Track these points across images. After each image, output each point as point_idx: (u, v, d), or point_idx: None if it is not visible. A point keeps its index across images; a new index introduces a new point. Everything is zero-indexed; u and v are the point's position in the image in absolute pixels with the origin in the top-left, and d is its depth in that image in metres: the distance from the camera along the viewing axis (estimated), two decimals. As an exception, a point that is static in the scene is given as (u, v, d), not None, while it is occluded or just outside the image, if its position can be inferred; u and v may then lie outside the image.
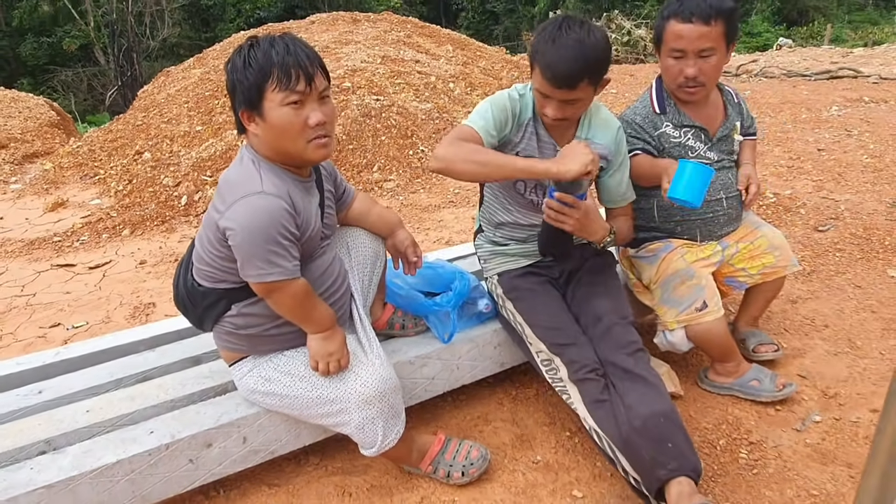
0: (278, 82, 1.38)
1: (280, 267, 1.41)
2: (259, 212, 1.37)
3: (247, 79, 1.39)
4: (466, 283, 2.01)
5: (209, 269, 1.52)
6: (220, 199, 1.45)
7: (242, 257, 1.41)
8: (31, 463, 1.50)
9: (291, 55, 1.40)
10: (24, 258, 4.04)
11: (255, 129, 1.44)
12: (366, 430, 1.58)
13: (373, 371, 1.57)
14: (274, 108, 1.39)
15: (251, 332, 1.58)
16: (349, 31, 8.09)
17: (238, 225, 1.38)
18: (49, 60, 20.34)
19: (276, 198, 1.39)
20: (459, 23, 27.48)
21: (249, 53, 1.40)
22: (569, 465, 1.86)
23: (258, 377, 1.60)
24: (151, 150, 5.75)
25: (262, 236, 1.37)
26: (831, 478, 1.77)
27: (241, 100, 1.41)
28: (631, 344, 1.77)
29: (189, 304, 1.61)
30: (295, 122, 1.41)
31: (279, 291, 1.46)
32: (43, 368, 1.90)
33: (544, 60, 1.62)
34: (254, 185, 1.40)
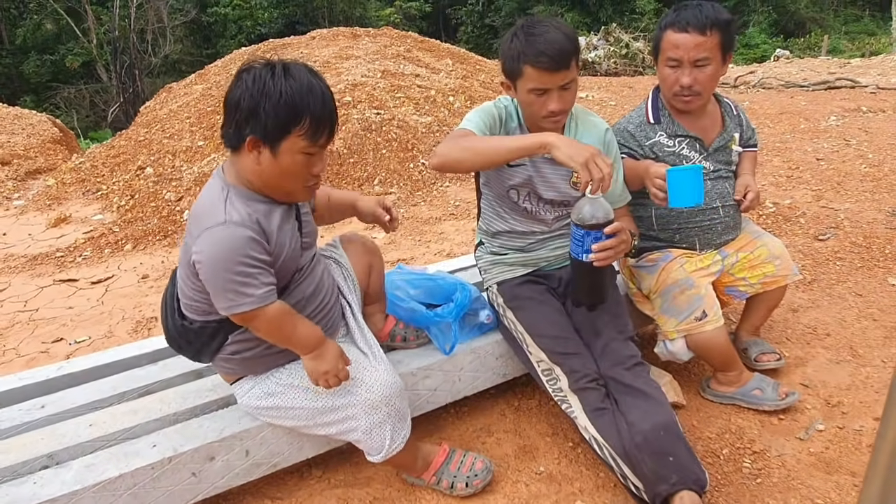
0: (306, 132, 1.36)
1: (249, 296, 1.37)
2: (222, 242, 1.34)
3: (276, 114, 1.33)
4: (467, 294, 2.02)
5: (195, 303, 1.50)
6: (188, 232, 1.44)
7: (212, 290, 1.39)
8: (34, 477, 1.50)
9: (327, 108, 1.38)
10: (26, 274, 4.05)
11: (255, 157, 1.38)
12: (373, 435, 1.57)
13: (377, 376, 1.57)
14: (292, 152, 1.37)
15: (247, 355, 1.56)
16: (349, 46, 8.16)
17: (203, 258, 1.35)
18: (52, 78, 20.50)
19: (238, 226, 1.36)
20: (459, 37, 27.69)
21: (286, 87, 1.33)
22: (572, 475, 1.86)
23: (261, 393, 1.59)
24: (153, 165, 5.79)
25: (226, 267, 1.34)
26: (835, 486, 1.76)
27: (258, 128, 1.35)
28: (630, 358, 1.77)
29: (183, 342, 1.58)
30: (304, 169, 1.41)
31: (255, 319, 1.43)
32: (45, 383, 1.90)
33: (534, 52, 1.65)
34: (217, 215, 1.37)
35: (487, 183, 1.99)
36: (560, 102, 1.72)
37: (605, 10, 23.29)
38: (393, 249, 4.06)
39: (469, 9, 28.22)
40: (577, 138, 1.86)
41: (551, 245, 2.00)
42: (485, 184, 2.01)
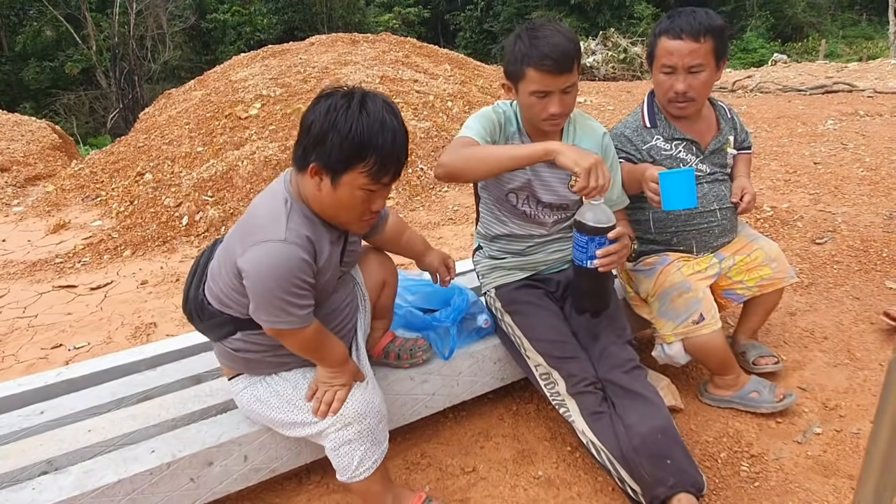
0: (370, 170, 1.35)
1: (292, 316, 1.39)
2: (276, 261, 1.34)
3: (341, 147, 1.32)
4: (465, 298, 2.03)
5: (221, 294, 1.49)
6: (242, 233, 1.42)
7: (255, 301, 1.39)
8: (33, 483, 1.50)
9: (396, 148, 1.37)
10: (26, 280, 4.05)
11: (317, 183, 1.38)
12: (341, 452, 1.53)
13: (354, 391, 1.54)
14: (352, 186, 1.36)
15: (249, 356, 1.56)
16: (348, 51, 8.19)
17: (254, 270, 1.35)
18: (51, 84, 20.54)
19: (296, 247, 1.35)
20: (457, 42, 27.79)
21: (357, 122, 1.31)
22: (570, 480, 1.86)
23: (251, 395, 1.60)
24: (153, 171, 5.80)
25: (276, 286, 1.34)
26: (833, 490, 1.77)
27: (322, 156, 1.34)
28: (628, 362, 1.78)
29: (196, 316, 1.58)
30: (362, 204, 1.41)
31: (290, 337, 1.45)
32: (44, 389, 1.90)
33: (537, 55, 1.66)
34: (277, 230, 1.36)
35: (486, 187, 2.00)
36: (561, 105, 1.73)
37: (604, 16, 23.38)
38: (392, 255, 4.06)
39: (467, 14, 28.33)
40: (575, 142, 1.88)
41: (549, 249, 2.01)
42: (483, 188, 2.02)
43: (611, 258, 1.65)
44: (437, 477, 1.90)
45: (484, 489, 1.84)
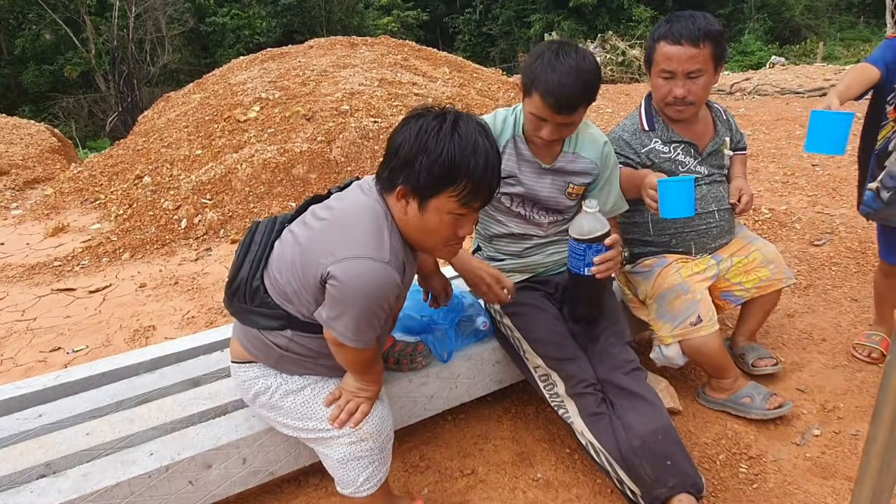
0: (460, 195, 1.31)
1: (366, 335, 1.36)
2: (374, 281, 1.29)
3: (432, 171, 1.28)
4: (461, 300, 2.03)
5: (288, 290, 1.42)
6: (337, 238, 1.36)
7: (335, 311, 1.34)
8: (31, 486, 1.50)
9: (489, 172, 1.32)
10: (24, 283, 4.05)
11: (403, 206, 1.35)
12: (349, 467, 1.50)
13: (375, 406, 1.51)
14: (440, 211, 1.33)
15: (288, 355, 1.50)
16: (347, 55, 8.20)
17: (349, 283, 1.29)
18: (50, 88, 20.54)
19: (394, 271, 1.32)
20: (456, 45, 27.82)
21: (448, 146, 1.27)
22: (569, 482, 1.86)
23: (264, 385, 1.53)
24: (151, 174, 5.80)
25: (366, 305, 1.31)
26: (832, 491, 1.77)
27: (410, 179, 1.30)
28: (628, 363, 1.78)
29: (243, 299, 1.49)
30: (449, 230, 1.37)
31: (350, 353, 1.41)
32: (43, 392, 1.90)
33: (545, 87, 1.65)
34: (381, 250, 1.31)
35: None
36: (553, 134, 1.75)
37: (602, 19, 23.41)
38: (390, 257, 4.06)
39: (466, 17, 28.38)
40: (576, 150, 1.90)
41: (547, 251, 2.01)
42: None
43: (608, 265, 1.69)
44: (436, 479, 1.89)
45: (483, 491, 1.84)
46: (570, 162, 1.90)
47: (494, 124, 1.87)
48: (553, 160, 1.89)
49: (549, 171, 1.89)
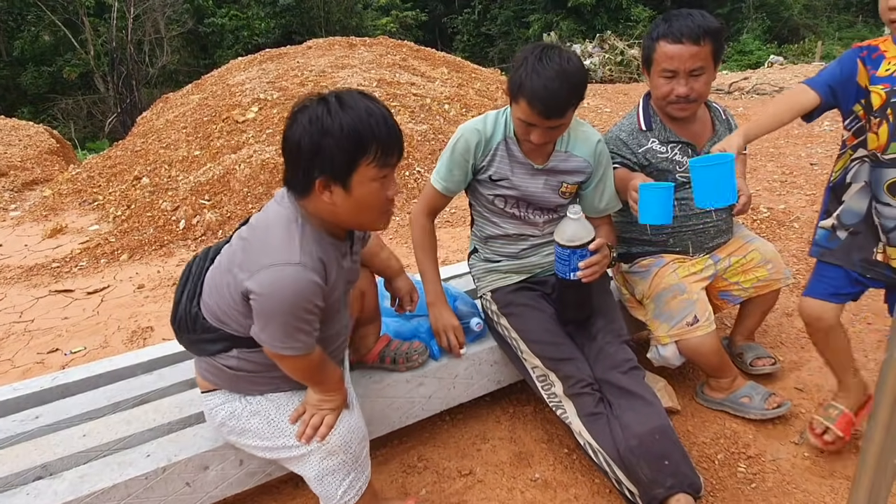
0: (375, 158, 1.31)
1: (299, 342, 1.35)
2: (290, 286, 1.28)
3: (341, 149, 1.28)
4: (451, 299, 2.04)
5: (219, 312, 1.43)
6: (250, 253, 1.36)
7: (261, 324, 1.34)
8: (28, 488, 1.49)
9: (391, 129, 1.34)
10: (22, 284, 4.04)
11: (329, 198, 1.33)
12: (325, 482, 1.48)
13: (340, 418, 1.48)
14: (364, 182, 1.32)
15: (241, 374, 1.49)
16: (345, 55, 8.20)
17: (265, 293, 1.29)
18: (49, 89, 20.52)
19: (310, 271, 1.31)
20: (455, 46, 27.81)
21: (345, 120, 1.28)
22: (567, 482, 1.86)
23: (228, 411, 1.52)
24: (150, 175, 5.80)
25: (288, 311, 1.30)
26: (830, 490, 1.77)
27: (325, 167, 1.29)
28: (625, 362, 1.78)
29: (186, 329, 1.51)
30: (380, 196, 1.37)
31: (291, 361, 1.40)
32: (40, 393, 1.90)
33: (531, 93, 1.64)
34: (291, 253, 1.30)
35: (471, 192, 2.03)
36: (543, 138, 1.75)
37: (601, 18, 23.40)
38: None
39: (465, 18, 28.36)
40: (569, 149, 1.90)
41: (544, 251, 2.01)
42: (469, 192, 2.04)
43: (593, 269, 1.75)
44: (434, 480, 1.89)
45: (481, 492, 1.83)
46: (562, 161, 1.90)
47: (485, 127, 1.88)
48: (545, 160, 1.89)
49: (542, 171, 1.89)
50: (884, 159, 1.59)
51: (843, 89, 1.65)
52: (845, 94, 1.66)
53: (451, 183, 1.94)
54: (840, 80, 1.66)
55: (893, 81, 1.56)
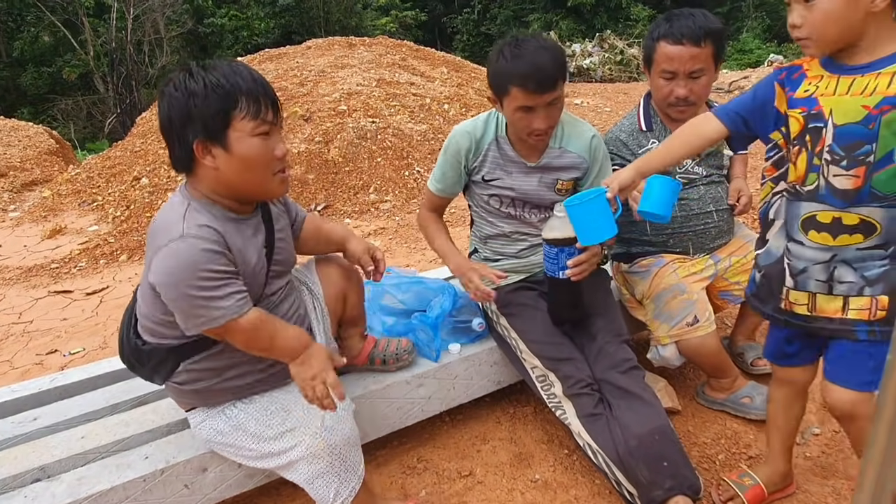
0: (248, 110, 1.30)
1: (219, 309, 1.30)
2: (179, 257, 1.27)
3: (209, 105, 1.27)
4: (451, 296, 2.03)
5: (150, 324, 1.42)
6: (148, 248, 1.36)
7: (178, 311, 1.31)
8: (26, 491, 1.49)
9: (258, 83, 1.33)
10: (21, 285, 4.04)
11: (211, 162, 1.32)
12: (316, 485, 1.46)
13: (322, 422, 1.46)
14: (242, 138, 1.31)
15: (198, 386, 1.48)
16: (345, 55, 8.19)
17: (164, 276, 1.28)
18: (49, 90, 20.51)
19: (196, 239, 1.28)
20: (455, 45, 27.79)
21: (209, 79, 1.28)
22: (567, 483, 1.85)
23: (211, 428, 1.51)
24: (149, 175, 5.79)
25: (189, 283, 1.26)
26: (832, 491, 1.76)
27: (199, 128, 1.28)
28: (625, 362, 1.77)
29: (136, 362, 1.51)
30: (264, 153, 1.34)
31: (231, 332, 1.35)
32: (38, 395, 1.89)
33: (520, 74, 1.66)
34: (174, 229, 1.29)
35: (468, 192, 2.04)
36: (546, 120, 1.74)
37: (600, 18, 23.39)
38: (389, 258, 4.06)
39: (465, 17, 28.35)
40: (563, 145, 1.91)
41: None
42: (467, 193, 2.05)
43: (582, 267, 1.73)
44: (434, 481, 1.88)
45: (481, 493, 1.82)
46: (556, 158, 1.89)
47: (475, 128, 1.91)
48: (539, 157, 1.88)
49: (536, 168, 1.89)
50: (802, 192, 1.34)
51: (757, 117, 1.42)
52: (761, 122, 1.42)
53: (444, 185, 1.97)
54: (752, 108, 1.43)
55: (811, 104, 1.30)
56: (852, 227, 1.29)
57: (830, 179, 1.28)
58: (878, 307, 1.32)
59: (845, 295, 1.34)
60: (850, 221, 1.29)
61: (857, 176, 1.25)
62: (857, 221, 1.28)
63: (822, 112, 1.28)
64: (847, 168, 1.26)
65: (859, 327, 1.34)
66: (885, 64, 1.23)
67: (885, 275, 1.30)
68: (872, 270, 1.30)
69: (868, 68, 1.24)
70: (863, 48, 1.25)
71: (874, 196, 1.25)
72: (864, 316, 1.33)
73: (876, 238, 1.28)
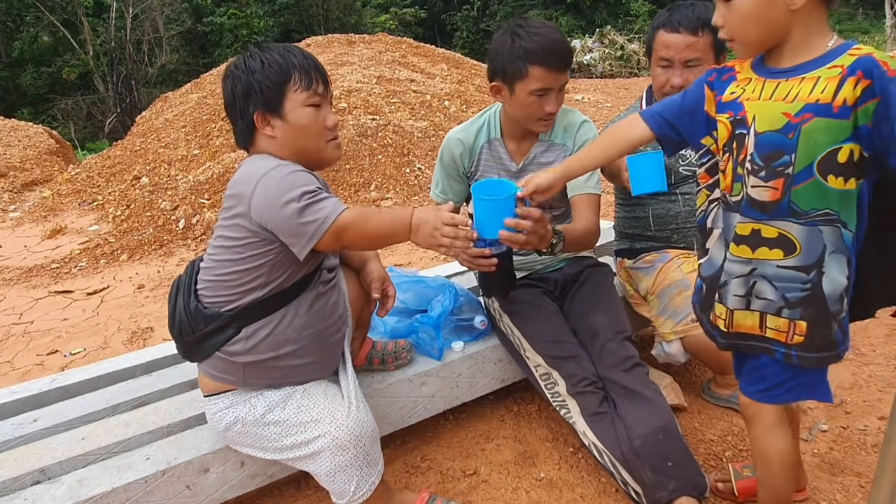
0: (300, 83, 1.42)
1: (326, 208, 1.33)
2: (282, 178, 1.34)
3: (268, 79, 1.40)
4: (452, 295, 2.01)
5: (224, 278, 1.42)
6: (235, 200, 1.38)
7: (289, 227, 1.33)
8: (26, 493, 1.47)
9: (309, 59, 1.46)
10: (22, 285, 4.03)
11: (270, 131, 1.43)
12: (337, 479, 1.47)
13: (349, 413, 1.47)
14: (296, 108, 1.43)
15: (251, 358, 1.46)
16: (345, 52, 8.17)
17: (270, 199, 1.32)
18: (49, 90, 20.51)
19: (290, 165, 1.38)
20: (454, 42, 27.77)
21: (265, 57, 1.42)
22: (573, 481, 1.83)
23: (234, 416, 1.50)
24: (149, 174, 5.77)
25: (294, 195, 1.32)
26: (841, 488, 1.74)
27: (258, 100, 1.41)
28: (628, 360, 1.75)
29: (189, 330, 1.48)
30: (316, 121, 1.46)
31: (343, 228, 1.35)
32: (38, 396, 1.88)
33: (542, 49, 1.66)
34: (269, 165, 1.37)
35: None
36: (557, 103, 1.77)
37: (600, 14, 23.35)
38: (390, 254, 4.04)
39: (464, 14, 28.32)
40: (552, 138, 1.93)
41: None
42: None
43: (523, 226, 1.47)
44: (438, 480, 1.87)
45: (485, 492, 1.81)
46: (543, 151, 1.91)
47: (466, 135, 1.94)
48: (522, 158, 1.92)
49: (522, 170, 1.91)
50: (731, 202, 1.25)
51: (686, 122, 1.32)
52: (690, 127, 1.32)
53: (453, 194, 1.99)
54: (680, 112, 1.32)
55: (737, 109, 1.20)
56: (772, 241, 1.19)
57: (749, 191, 1.19)
58: (795, 331, 1.21)
59: (762, 311, 1.24)
60: (768, 234, 1.19)
61: (775, 188, 1.15)
62: (775, 235, 1.18)
63: (746, 118, 1.18)
64: (766, 179, 1.16)
65: (777, 347, 1.24)
66: (810, 68, 1.12)
67: (806, 300, 1.19)
68: (794, 293, 1.19)
69: (793, 72, 1.14)
70: (788, 50, 1.15)
71: (793, 211, 1.15)
72: (781, 337, 1.23)
73: (796, 258, 1.18)
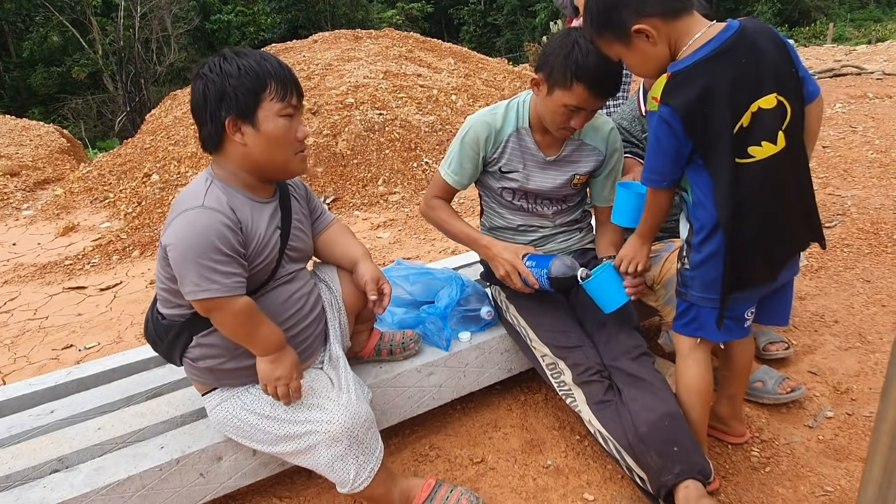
0: (276, 93, 1.40)
1: (216, 283, 1.34)
2: (195, 226, 1.34)
3: (242, 85, 1.38)
4: (458, 286, 2.03)
5: (165, 294, 1.48)
6: (168, 217, 1.43)
7: (179, 273, 1.36)
8: (45, 481, 1.51)
9: (284, 69, 1.44)
10: (36, 282, 4.09)
11: (240, 139, 1.41)
12: (336, 468, 1.49)
13: (339, 405, 1.50)
14: (269, 117, 1.41)
15: (211, 364, 1.52)
16: (351, 48, 8.18)
17: (174, 239, 1.35)
18: (59, 89, 20.70)
19: (214, 212, 1.35)
20: (462, 36, 27.71)
21: (241, 63, 1.39)
22: (579, 468, 1.85)
23: (226, 412, 1.54)
24: (159, 171, 5.83)
25: (196, 250, 1.33)
26: (845, 473, 1.75)
27: (232, 106, 1.38)
28: (635, 348, 1.77)
29: (156, 337, 1.56)
30: (288, 133, 1.44)
31: (218, 310, 1.39)
32: (55, 389, 1.92)
33: (595, 73, 1.61)
34: (195, 200, 1.37)
35: (481, 183, 2.03)
36: (583, 123, 1.75)
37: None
38: (398, 248, 4.07)
39: (471, 8, 28.24)
40: (581, 138, 1.90)
41: (557, 239, 2.01)
42: (479, 183, 2.03)
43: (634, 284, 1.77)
44: (446, 468, 1.90)
45: (493, 479, 1.83)
46: (574, 150, 1.88)
47: (494, 118, 1.86)
48: (558, 151, 1.88)
49: (553, 163, 1.88)
50: None
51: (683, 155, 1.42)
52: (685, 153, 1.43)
53: (462, 176, 1.93)
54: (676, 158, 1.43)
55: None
56: None
57: None
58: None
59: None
60: None
61: None
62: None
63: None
64: None
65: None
66: None
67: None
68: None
69: None
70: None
71: None
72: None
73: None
